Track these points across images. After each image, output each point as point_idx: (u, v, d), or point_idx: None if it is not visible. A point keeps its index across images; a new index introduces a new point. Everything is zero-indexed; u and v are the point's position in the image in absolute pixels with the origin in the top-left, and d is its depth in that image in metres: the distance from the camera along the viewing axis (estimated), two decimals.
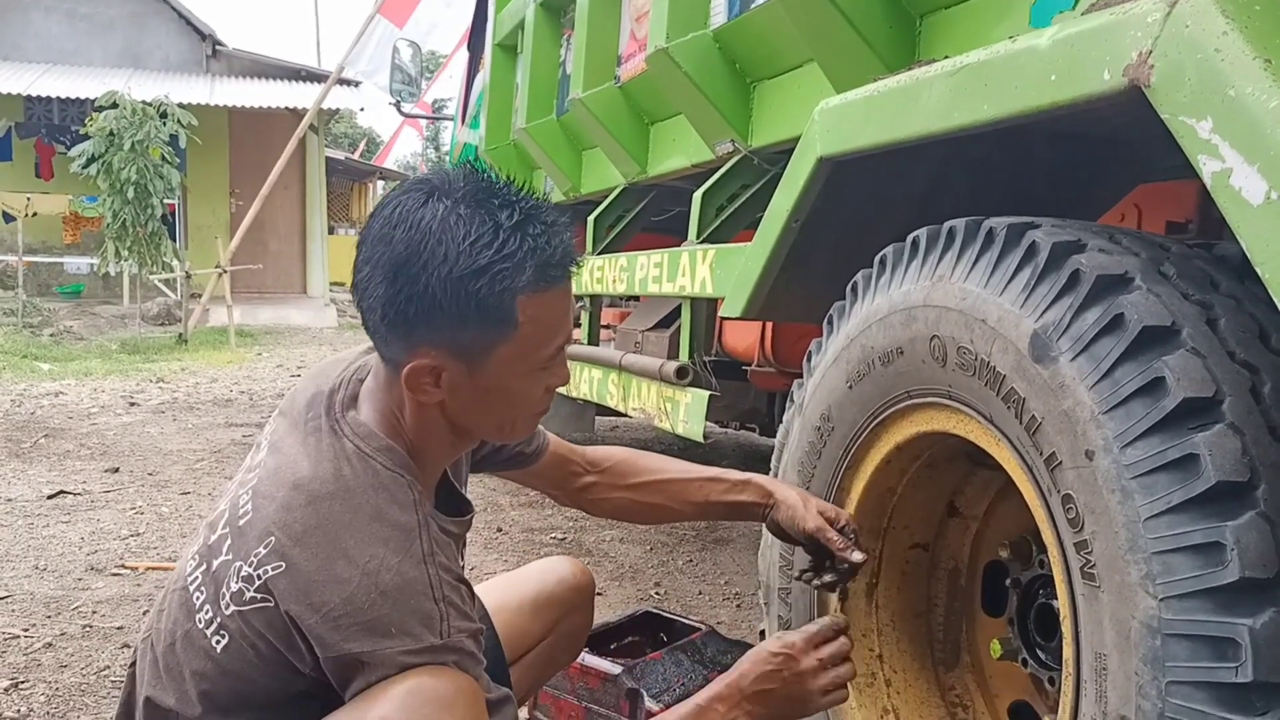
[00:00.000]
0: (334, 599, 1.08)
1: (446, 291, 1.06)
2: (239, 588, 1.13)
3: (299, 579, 1.09)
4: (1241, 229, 0.92)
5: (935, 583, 1.65)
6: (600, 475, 1.60)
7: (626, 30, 3.05)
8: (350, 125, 32.95)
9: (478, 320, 1.08)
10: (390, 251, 1.08)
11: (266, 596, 1.11)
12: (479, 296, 1.07)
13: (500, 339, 1.10)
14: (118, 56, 15.42)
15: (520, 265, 1.07)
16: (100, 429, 5.75)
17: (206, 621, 1.17)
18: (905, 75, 1.45)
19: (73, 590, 3.00)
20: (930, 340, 1.31)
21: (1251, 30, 0.94)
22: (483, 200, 1.08)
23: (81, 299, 13.85)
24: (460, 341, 1.10)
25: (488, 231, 1.07)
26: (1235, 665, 0.93)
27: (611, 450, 1.63)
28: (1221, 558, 0.94)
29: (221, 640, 1.15)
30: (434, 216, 1.07)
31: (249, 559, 1.13)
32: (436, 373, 1.12)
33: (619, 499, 1.60)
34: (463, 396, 1.15)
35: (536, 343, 1.13)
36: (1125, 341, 1.03)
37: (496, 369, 1.13)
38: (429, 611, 1.10)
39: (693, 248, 2.47)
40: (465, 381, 1.13)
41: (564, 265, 1.12)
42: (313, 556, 1.10)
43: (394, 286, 1.07)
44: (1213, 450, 0.96)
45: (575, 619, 1.68)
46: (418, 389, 1.14)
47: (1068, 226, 1.20)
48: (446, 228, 1.06)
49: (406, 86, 6.43)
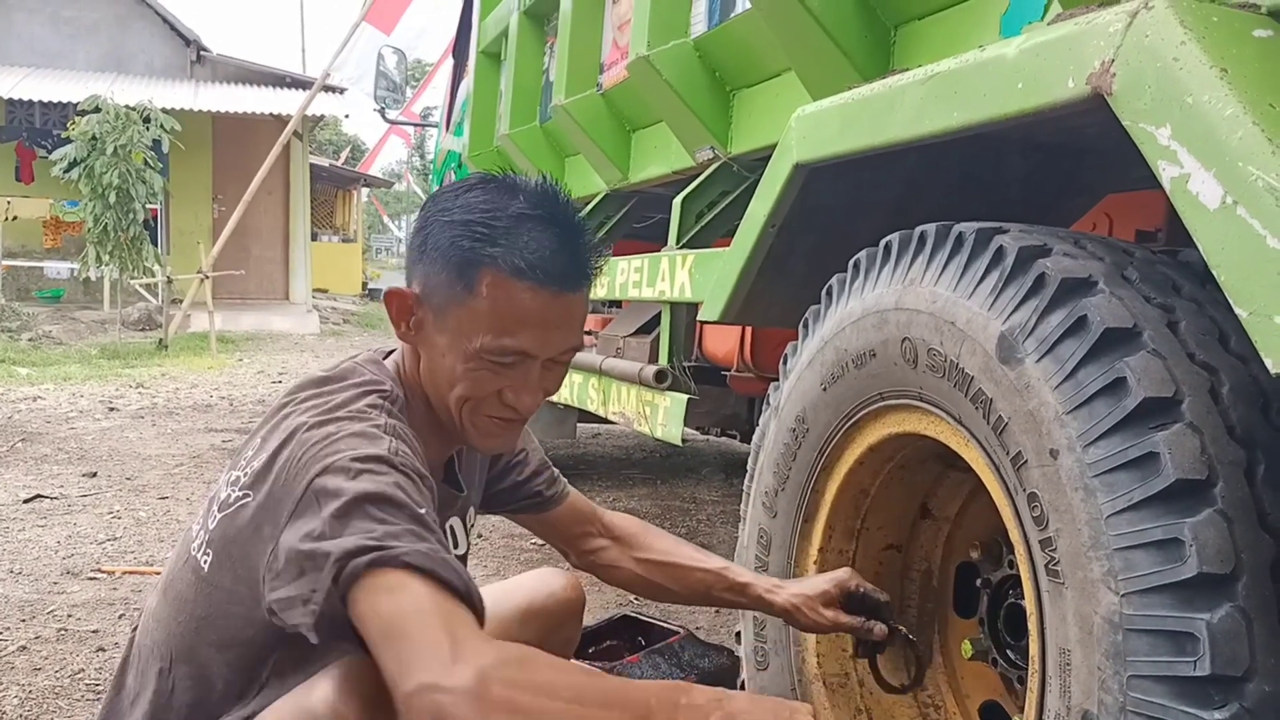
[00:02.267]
0: (294, 452, 1.13)
1: (440, 230, 1.19)
2: (226, 494, 1.18)
3: (269, 454, 1.15)
4: (1199, 233, 0.94)
5: (908, 584, 1.67)
6: (613, 542, 1.63)
7: (609, 38, 3.07)
8: (335, 132, 32.88)
9: (446, 267, 1.18)
10: (438, 197, 1.24)
11: (247, 494, 1.15)
12: (453, 244, 1.17)
13: (458, 298, 1.18)
14: (101, 60, 15.34)
15: (495, 238, 1.16)
16: (78, 433, 5.71)
17: (200, 544, 1.20)
18: (879, 83, 1.48)
19: (48, 594, 2.99)
20: (902, 342, 1.34)
21: (1209, 40, 0.96)
22: (523, 188, 1.21)
23: (61, 304, 13.74)
24: (433, 283, 1.20)
25: (493, 203, 1.18)
26: (1194, 659, 0.95)
27: (627, 520, 1.66)
28: (1180, 554, 0.96)
29: (208, 557, 1.18)
30: (487, 184, 1.22)
31: (238, 465, 1.19)
32: (410, 308, 1.22)
33: (626, 571, 1.63)
34: (426, 349, 1.24)
35: (489, 325, 1.18)
36: (1088, 343, 1.06)
37: (452, 329, 1.20)
38: (375, 435, 1.14)
39: (672, 253, 2.49)
40: (429, 330, 1.22)
41: (542, 270, 1.16)
42: (283, 433, 1.16)
43: (420, 226, 1.22)
44: (1172, 449, 0.98)
45: (565, 632, 1.69)
46: (395, 319, 1.23)
47: (1034, 231, 1.22)
48: (484, 190, 1.20)
49: (391, 93, 6.44)
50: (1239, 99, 0.92)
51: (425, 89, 15.50)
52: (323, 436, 1.12)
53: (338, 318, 15.82)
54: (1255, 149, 0.89)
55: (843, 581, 1.51)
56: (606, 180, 3.23)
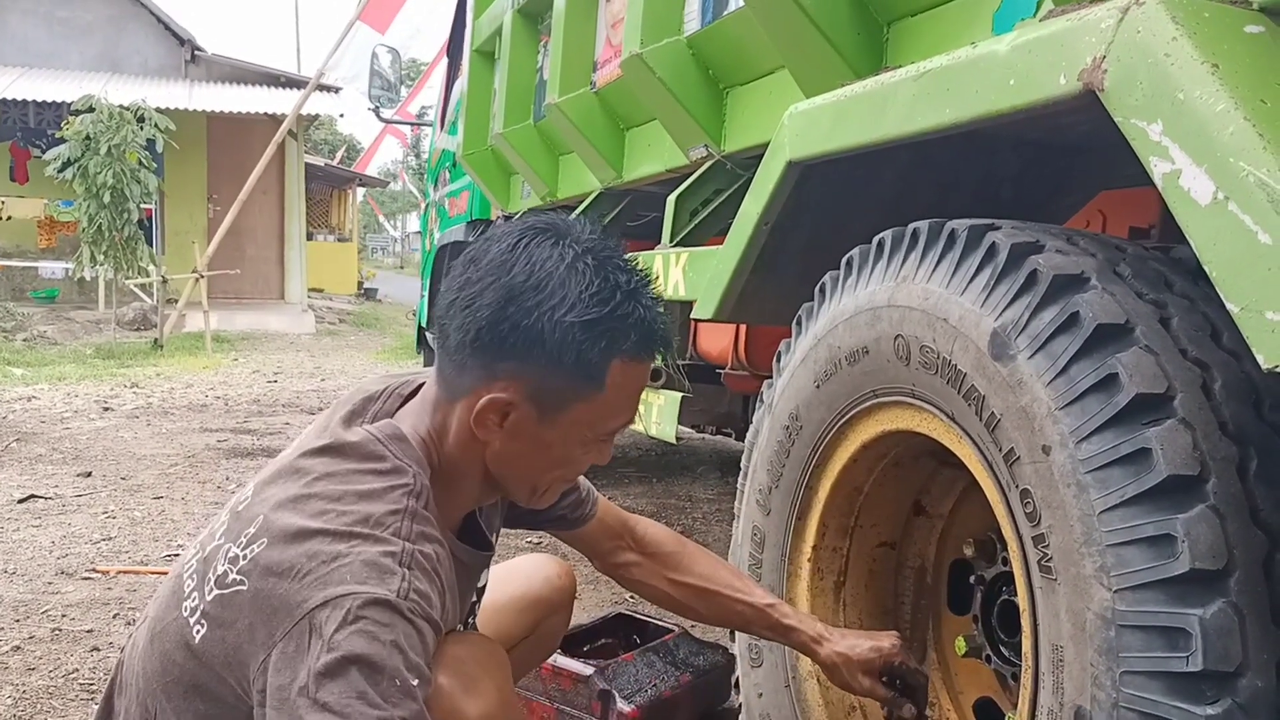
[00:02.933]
0: (300, 558, 1.05)
1: (555, 331, 1.09)
2: (224, 570, 1.11)
3: (275, 549, 1.07)
4: (1190, 228, 0.94)
5: (902, 581, 1.67)
6: (646, 558, 1.59)
7: (602, 37, 3.07)
8: (330, 132, 32.83)
9: (571, 370, 1.10)
10: (509, 278, 1.10)
11: (243, 580, 1.08)
12: (581, 348, 1.09)
13: (583, 396, 1.13)
14: (95, 60, 15.29)
15: (627, 330, 1.12)
16: (73, 433, 5.70)
17: (191, 609, 1.14)
18: (872, 81, 1.48)
19: (42, 594, 2.98)
20: (895, 339, 1.34)
21: (1200, 36, 0.96)
22: (606, 259, 1.13)
23: (56, 304, 13.70)
24: (546, 386, 1.12)
25: (608, 289, 1.10)
26: (1186, 655, 0.95)
27: (662, 534, 1.61)
28: (1173, 549, 0.96)
29: (201, 629, 1.12)
30: (561, 260, 1.10)
31: (239, 539, 1.11)
32: (507, 411, 1.13)
33: (658, 588, 1.59)
34: (518, 444, 1.16)
35: (611, 411, 1.17)
36: (1080, 339, 1.06)
37: (565, 425, 1.15)
38: (390, 568, 1.06)
39: (666, 251, 2.48)
40: (530, 428, 1.15)
41: (663, 341, 1.16)
42: (291, 525, 1.08)
43: (504, 310, 1.09)
44: (1164, 445, 0.98)
45: (557, 618, 1.69)
46: (483, 423, 1.14)
47: (1026, 228, 1.22)
48: (573, 273, 1.10)
49: (385, 92, 6.42)
50: (1230, 95, 0.92)
51: (421, 88, 15.49)
52: (333, 555, 1.05)
53: (333, 317, 15.80)
54: (1247, 145, 0.90)
55: (888, 654, 1.47)
56: (601, 179, 3.23)
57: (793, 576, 1.65)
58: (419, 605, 1.06)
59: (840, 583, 1.65)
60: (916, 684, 1.49)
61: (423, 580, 1.08)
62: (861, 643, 1.47)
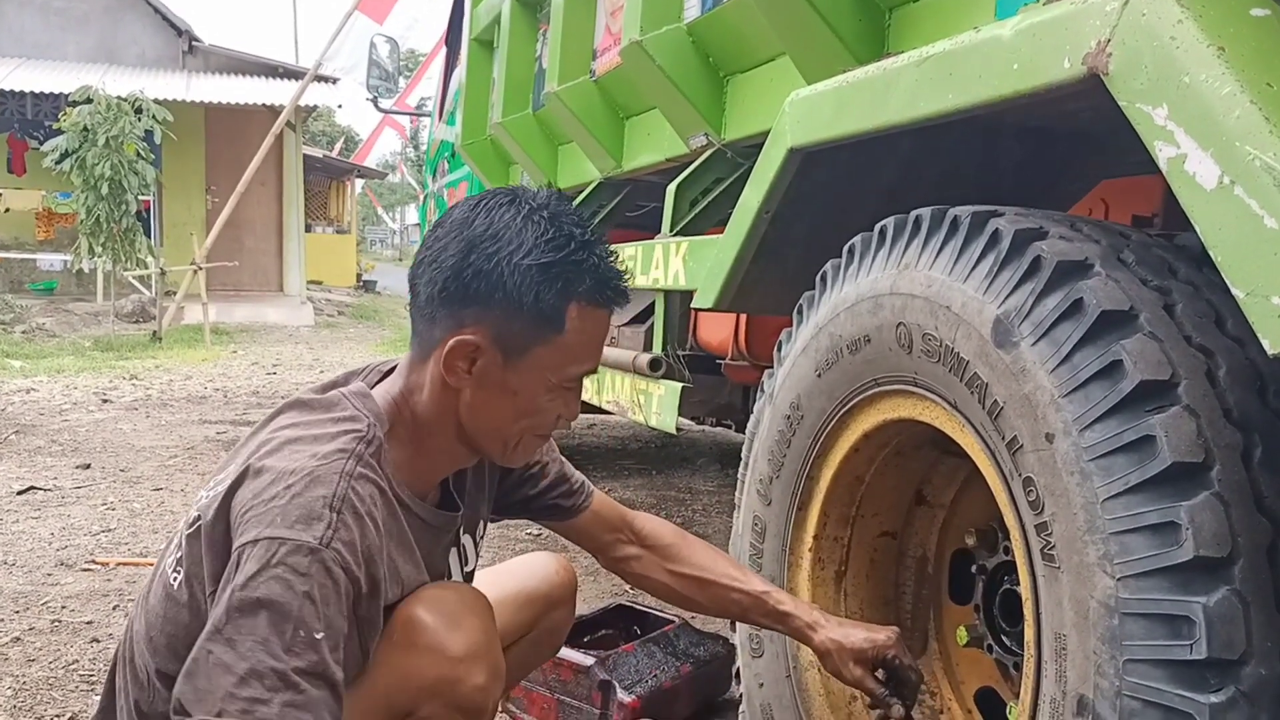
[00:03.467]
0: (249, 496, 1.12)
1: (514, 274, 1.16)
2: (195, 514, 1.19)
3: (235, 485, 1.15)
4: (1195, 213, 0.93)
5: (903, 570, 1.67)
6: (647, 551, 1.60)
7: (601, 24, 3.05)
8: (329, 123, 32.78)
9: (531, 311, 1.17)
10: (470, 230, 1.18)
11: (201, 515, 1.16)
12: (539, 289, 1.16)
13: (543, 338, 1.18)
14: (92, 51, 15.25)
15: (582, 274, 1.18)
16: (72, 425, 5.69)
17: (172, 562, 1.22)
18: (874, 66, 1.47)
19: (41, 586, 2.98)
20: (897, 327, 1.33)
21: (1205, 19, 0.95)
22: (560, 213, 1.20)
23: (54, 296, 13.69)
24: (508, 328, 1.18)
25: (562, 237, 1.18)
26: (1190, 643, 0.95)
27: (661, 527, 1.63)
28: (1177, 537, 0.95)
29: (178, 576, 1.20)
30: (517, 214, 1.18)
31: (209, 485, 1.20)
32: (474, 355, 1.19)
33: (659, 581, 1.61)
34: (486, 390, 1.21)
35: (572, 355, 1.21)
36: (1084, 326, 1.05)
37: (528, 370, 1.20)
38: (318, 513, 1.10)
39: (666, 240, 2.48)
40: (496, 373, 1.20)
41: (618, 291, 1.22)
42: (252, 467, 1.15)
43: (467, 259, 1.17)
44: (1169, 432, 0.98)
45: (558, 615, 1.69)
46: (452, 367, 1.20)
47: (1030, 215, 1.21)
48: (528, 224, 1.17)
49: (383, 82, 6.40)
50: (1236, 78, 0.91)
51: (419, 80, 15.43)
52: (270, 495, 1.10)
53: (332, 309, 15.77)
54: (1253, 128, 0.89)
55: (883, 647, 1.46)
56: (600, 168, 3.22)
57: (794, 566, 1.65)
58: (339, 555, 1.09)
59: (841, 572, 1.64)
60: (908, 681, 1.47)
61: (352, 525, 1.12)
62: (856, 632, 1.47)
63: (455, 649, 1.23)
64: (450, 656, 1.23)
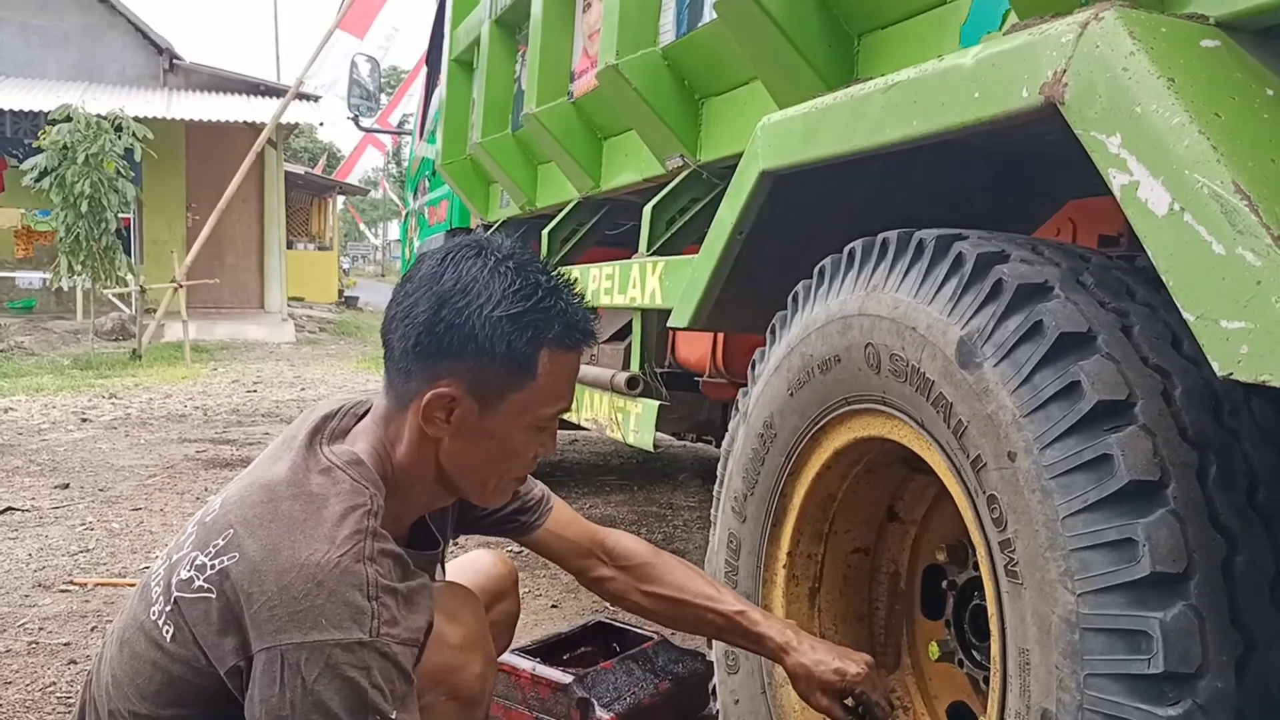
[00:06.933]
0: (272, 588, 1.12)
1: (485, 327, 1.19)
2: (189, 576, 1.18)
3: (246, 568, 1.14)
4: (1148, 239, 0.96)
5: (876, 586, 1.69)
6: (620, 572, 1.63)
7: (579, 47, 3.08)
8: (310, 140, 32.72)
9: (504, 361, 1.20)
10: (439, 285, 1.21)
11: (210, 589, 1.16)
12: (510, 339, 1.20)
13: (517, 385, 1.22)
14: (72, 70, 15.18)
15: (550, 320, 1.22)
16: (50, 445, 5.66)
17: (159, 613, 1.22)
18: (843, 92, 1.49)
19: (19, 607, 2.96)
20: (865, 348, 1.35)
21: (1157, 50, 0.98)
22: (525, 264, 1.23)
23: (33, 314, 13.59)
24: (482, 379, 1.21)
25: (529, 286, 1.21)
26: (1148, 657, 0.97)
27: (636, 546, 1.65)
28: (1134, 553, 0.98)
29: (169, 630, 1.20)
30: (484, 266, 1.21)
31: (206, 549, 1.19)
32: (451, 406, 1.22)
33: (635, 601, 1.64)
34: (465, 438, 1.24)
35: (545, 398, 1.24)
36: (1044, 347, 1.08)
37: (504, 415, 1.23)
38: (360, 606, 1.13)
39: (643, 260, 2.50)
40: (473, 421, 1.23)
41: (587, 333, 1.26)
42: (261, 548, 1.15)
43: (438, 314, 1.20)
44: (1126, 451, 1.00)
45: (504, 607, 1.71)
46: (430, 419, 1.22)
47: (993, 238, 1.24)
48: (495, 276, 1.21)
49: (365, 101, 6.42)
50: (1185, 108, 0.94)
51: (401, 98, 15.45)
52: (302, 592, 1.11)
53: (314, 326, 15.72)
54: (1201, 157, 0.92)
55: (850, 681, 1.48)
56: (578, 188, 3.24)
57: (768, 583, 1.67)
58: (390, 636, 1.13)
59: (815, 589, 1.66)
60: (877, 717, 1.50)
61: (390, 604, 1.15)
62: (828, 660, 1.48)
63: (453, 639, 1.29)
64: (449, 645, 1.29)
